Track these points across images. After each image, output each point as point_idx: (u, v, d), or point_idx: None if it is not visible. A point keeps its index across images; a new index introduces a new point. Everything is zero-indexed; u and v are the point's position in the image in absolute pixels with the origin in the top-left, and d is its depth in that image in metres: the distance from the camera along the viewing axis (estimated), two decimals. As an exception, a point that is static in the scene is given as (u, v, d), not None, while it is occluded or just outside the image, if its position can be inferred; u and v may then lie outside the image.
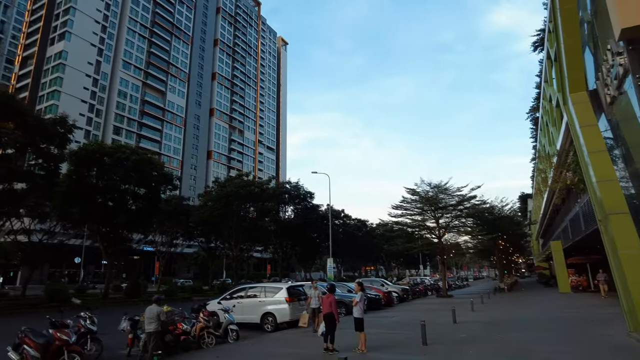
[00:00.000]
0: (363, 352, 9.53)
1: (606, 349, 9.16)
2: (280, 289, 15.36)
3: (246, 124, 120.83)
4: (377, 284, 28.45)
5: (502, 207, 40.79)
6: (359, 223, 74.02)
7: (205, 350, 10.93)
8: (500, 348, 9.62)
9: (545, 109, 26.82)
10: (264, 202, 45.92)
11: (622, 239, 11.06)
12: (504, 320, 15.21)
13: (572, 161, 19.09)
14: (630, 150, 12.60)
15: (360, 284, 10.32)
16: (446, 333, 12.28)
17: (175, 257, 74.52)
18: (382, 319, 17.20)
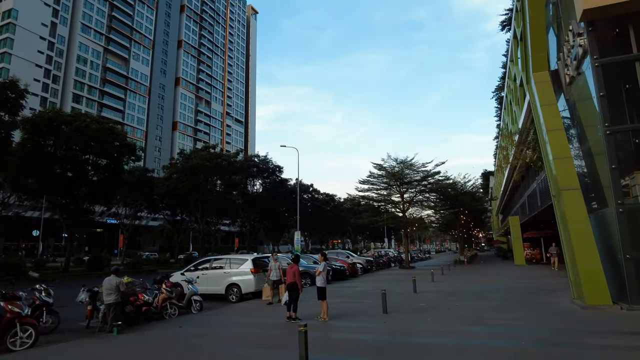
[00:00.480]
0: (325, 320, 9.77)
1: (551, 314, 9.78)
2: (245, 260, 15.40)
3: (213, 94, 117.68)
4: (343, 255, 29.05)
5: (465, 183, 42.10)
6: (327, 197, 74.73)
7: (168, 320, 10.90)
8: (456, 316, 10.09)
9: (510, 88, 27.45)
10: (231, 176, 45.37)
11: (573, 213, 11.67)
12: (462, 290, 15.91)
13: (532, 139, 19.77)
14: (585, 130, 13.16)
15: (324, 254, 10.48)
16: (406, 302, 12.74)
17: (140, 229, 73.19)
18: (345, 288, 17.64)
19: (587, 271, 10.67)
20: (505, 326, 8.67)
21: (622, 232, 10.20)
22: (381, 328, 8.85)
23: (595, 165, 12.43)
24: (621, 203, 10.33)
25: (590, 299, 10.35)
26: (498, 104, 60.01)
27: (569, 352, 6.41)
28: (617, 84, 11.76)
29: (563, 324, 8.61)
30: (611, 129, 10.79)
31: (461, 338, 7.68)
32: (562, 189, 12.17)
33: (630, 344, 6.77)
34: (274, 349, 7.28)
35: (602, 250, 11.05)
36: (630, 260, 10.05)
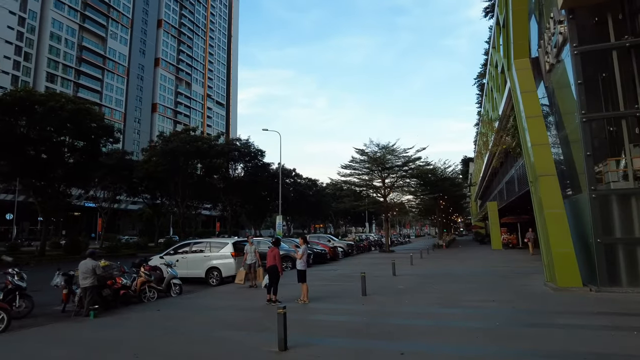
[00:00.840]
0: (305, 302, 9.84)
1: (525, 296, 10.07)
2: (226, 244, 15.34)
3: (194, 76, 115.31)
4: (324, 239, 29.28)
5: (445, 169, 42.60)
6: (310, 182, 74.72)
7: (147, 304, 10.81)
8: (434, 298, 10.29)
9: (491, 75, 27.67)
10: (211, 159, 44.82)
11: (548, 199, 11.94)
12: (439, 273, 16.23)
13: (511, 126, 20.06)
14: (562, 117, 13.40)
15: (304, 238, 10.51)
16: (385, 285, 12.92)
17: (120, 213, 72.08)
18: (326, 271, 17.80)
19: (560, 255, 10.99)
20: (481, 308, 8.88)
21: (594, 217, 10.51)
22: (360, 310, 8.96)
23: (571, 153, 12.71)
24: (594, 189, 10.61)
25: (562, 282, 10.69)
26: (479, 91, 60.55)
27: (541, 332, 6.61)
28: (594, 73, 11.96)
29: (536, 305, 8.87)
30: (587, 117, 11.00)
31: (438, 320, 7.84)
32: (539, 175, 12.42)
33: (598, 324, 7.02)
34: (253, 331, 7.29)
35: (575, 235, 11.39)
36: (601, 245, 10.38)
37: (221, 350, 6.16)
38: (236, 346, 6.33)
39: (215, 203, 60.60)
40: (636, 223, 10.38)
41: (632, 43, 11.27)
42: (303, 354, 5.75)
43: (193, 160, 44.57)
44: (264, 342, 6.34)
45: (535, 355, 5.40)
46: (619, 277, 10.32)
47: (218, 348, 6.26)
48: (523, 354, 5.53)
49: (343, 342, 6.43)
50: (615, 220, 10.53)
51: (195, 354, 6.00)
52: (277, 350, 5.89)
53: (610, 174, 11.07)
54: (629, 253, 10.35)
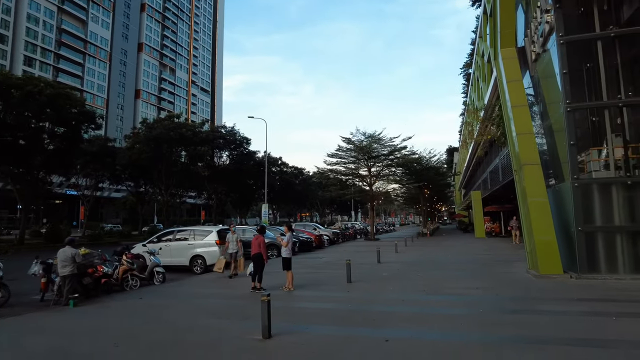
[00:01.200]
0: (290, 290, 9.79)
1: (508, 283, 10.21)
2: (210, 232, 15.18)
3: (178, 62, 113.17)
4: (310, 227, 29.31)
5: (430, 158, 42.85)
6: (296, 171, 74.49)
7: (129, 292, 10.65)
8: (418, 285, 10.34)
9: (478, 65, 27.75)
10: (196, 147, 44.24)
11: (532, 187, 12.06)
12: (423, 261, 16.36)
13: (496, 115, 20.17)
14: (547, 107, 13.51)
15: (290, 225, 10.43)
16: (370, 272, 12.97)
17: (103, 201, 70.97)
18: (311, 259, 17.80)
19: (542, 243, 11.15)
20: (465, 295, 8.96)
21: (576, 205, 10.66)
22: (345, 297, 8.96)
23: (554, 142, 12.83)
24: (577, 178, 10.74)
25: (544, 269, 10.86)
26: (465, 81, 60.88)
27: (524, 318, 6.69)
28: (579, 63, 12.04)
29: (519, 292, 8.99)
30: (571, 106, 11.09)
31: (423, 306, 7.88)
32: (523, 164, 12.52)
33: (579, 310, 7.14)
34: (237, 319, 7.22)
35: (557, 223, 11.55)
36: (582, 233, 10.55)
37: (204, 338, 6.07)
38: (219, 334, 6.25)
39: (200, 191, 59.96)
40: (616, 211, 10.57)
41: (617, 33, 11.36)
42: (287, 342, 5.70)
43: (177, 147, 43.95)
44: (247, 330, 6.27)
45: (518, 341, 5.44)
46: (598, 264, 10.53)
47: (201, 336, 6.17)
48: (506, 339, 5.57)
49: (328, 329, 6.41)
50: (596, 208, 10.70)
51: (177, 343, 5.90)
52: (261, 338, 5.84)
53: (592, 164, 11.23)
54: (608, 241, 10.56)
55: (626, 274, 10.29)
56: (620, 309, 7.11)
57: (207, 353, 5.43)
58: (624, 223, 10.46)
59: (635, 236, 10.43)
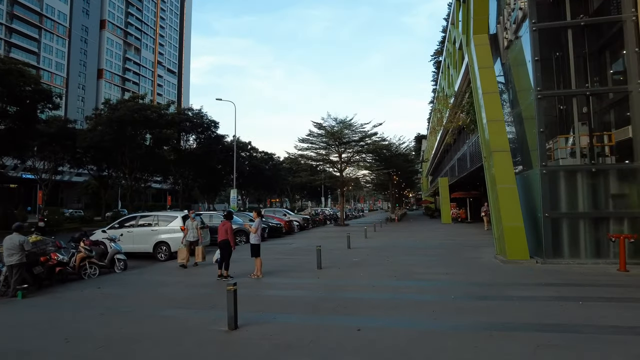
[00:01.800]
0: (258, 277, 9.49)
1: (476, 269, 10.27)
2: (174, 217, 14.60)
3: (144, 41, 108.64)
4: (280, 213, 28.99)
5: (399, 145, 43.22)
6: (266, 156, 73.56)
7: (87, 281, 10.04)
8: (388, 271, 10.26)
9: (449, 52, 27.87)
10: (161, 129, 42.74)
11: (501, 174, 12.16)
12: (393, 246, 16.39)
13: (466, 102, 20.30)
14: (517, 95, 13.59)
15: (259, 211, 10.06)
16: (341, 258, 12.82)
17: (63, 185, 67.91)
18: (281, 245, 17.52)
19: (510, 229, 11.28)
20: (436, 281, 8.92)
21: (543, 192, 10.80)
22: (315, 284, 8.74)
23: (524, 130, 12.95)
24: (545, 165, 10.86)
25: (512, 254, 11.00)
26: (435, 69, 61.42)
27: (495, 305, 6.67)
28: (549, 51, 12.12)
29: (488, 278, 9.03)
30: (542, 94, 11.15)
31: (394, 293, 7.76)
32: (493, 151, 12.59)
33: (547, 295, 7.19)
34: (202, 309, 6.86)
35: (524, 209, 11.70)
36: (548, 219, 10.72)
37: (165, 330, 5.69)
38: (182, 326, 5.87)
39: (166, 176, 58.28)
40: (580, 198, 10.79)
41: (586, 22, 11.47)
42: (254, 333, 5.41)
43: (141, 130, 42.32)
44: (213, 321, 5.94)
45: (490, 328, 5.37)
46: (562, 249, 10.76)
47: (162, 328, 5.78)
48: (479, 326, 5.49)
49: (297, 318, 6.16)
50: (562, 195, 10.89)
51: (135, 336, 5.49)
52: (227, 329, 5.52)
53: (560, 151, 11.39)
54: (572, 227, 10.78)
55: (587, 258, 10.56)
56: (585, 294, 7.22)
57: (167, 347, 5.06)
58: (587, 209, 10.70)
59: (597, 222, 10.70)
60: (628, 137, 11.11)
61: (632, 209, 10.56)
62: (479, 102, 14.34)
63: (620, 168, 10.76)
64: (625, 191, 10.69)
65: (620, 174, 10.70)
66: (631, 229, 10.41)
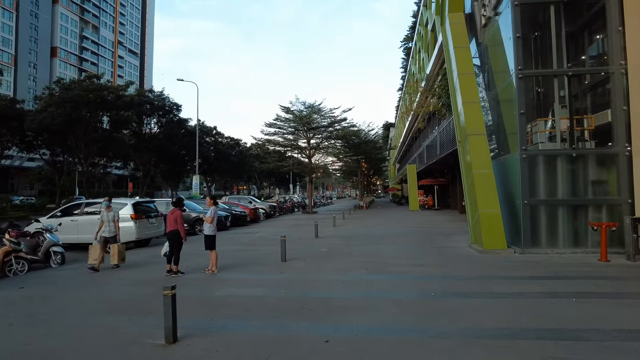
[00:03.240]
0: (213, 272, 8.40)
1: (452, 260, 9.56)
2: (124, 204, 13.17)
3: (103, 19, 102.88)
4: (245, 201, 27.81)
5: (369, 131, 42.51)
6: (232, 142, 71.38)
7: (11, 279, 8.64)
8: (359, 262, 9.40)
9: (420, 35, 27.16)
10: (119, 111, 40.23)
11: (477, 159, 11.49)
12: (362, 234, 15.61)
13: (438, 86, 19.65)
14: (494, 76, 12.93)
15: (213, 198, 8.86)
16: (307, 248, 11.89)
17: (14, 171, 63.70)
18: (245, 234, 16.39)
19: (487, 216, 10.64)
20: (411, 274, 8.12)
21: (522, 178, 10.20)
22: (278, 280, 7.75)
23: (500, 113, 12.32)
24: (525, 149, 10.24)
25: (489, 244, 10.38)
26: (405, 55, 60.98)
27: (480, 304, 5.90)
28: (528, 32, 11.46)
29: (467, 271, 8.30)
30: (523, 73, 10.47)
31: (366, 289, 6.88)
32: (469, 134, 11.90)
33: (534, 290, 6.50)
34: (140, 316, 5.69)
35: (501, 196, 11.09)
36: (527, 206, 10.14)
37: (85, 346, 4.54)
38: (110, 338, 4.74)
39: (126, 161, 55.47)
40: (560, 184, 10.26)
41: (568, -1, 10.85)
42: (197, 348, 4.36)
43: (97, 111, 39.65)
44: (148, 331, 4.85)
45: (483, 335, 4.56)
46: (540, 238, 10.24)
47: (82, 343, 4.63)
48: (469, 333, 4.66)
49: (253, 326, 5.14)
50: (541, 181, 10.33)
51: (46, 353, 4.35)
52: (164, 342, 4.45)
53: (539, 135, 10.81)
54: (551, 215, 10.27)
55: (566, 247, 10.08)
56: (575, 288, 6.59)
57: (83, 369, 3.94)
58: (566, 196, 10.20)
59: (575, 210, 10.22)
60: (607, 121, 10.66)
61: (610, 195, 10.14)
62: (454, 84, 13.63)
63: (601, 153, 10.28)
64: (604, 177, 10.25)
65: (599, 160, 10.23)
66: (609, 217, 10.00)
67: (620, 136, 10.04)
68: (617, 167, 10.03)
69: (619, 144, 10.04)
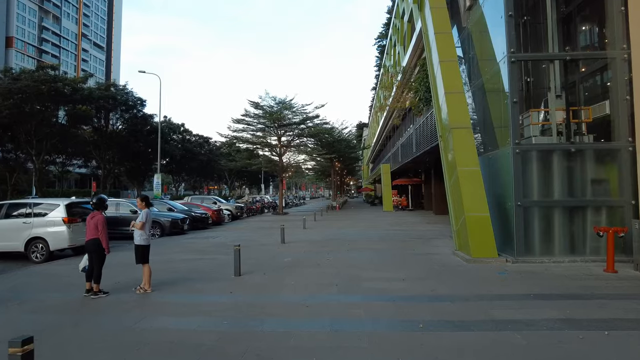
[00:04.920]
0: (146, 292, 6.71)
1: (438, 272, 8.18)
2: (56, 205, 11.21)
3: (65, 9, 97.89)
4: (210, 201, 25.91)
5: (342, 129, 41.16)
6: (201, 139, 68.85)
7: None
8: (328, 276, 7.90)
9: (396, 28, 25.99)
10: (76, 105, 37.44)
11: (462, 155, 10.18)
12: (334, 238, 14.13)
13: (415, 79, 18.44)
14: (479, 64, 11.71)
15: (145, 198, 7.07)
16: (270, 257, 10.30)
17: (-43, 168, 58.91)
18: (202, 240, 14.60)
19: (475, 220, 9.32)
20: (391, 293, 6.64)
21: (516, 176, 8.92)
22: (224, 304, 6.11)
23: (486, 104, 11.10)
24: (518, 143, 8.98)
25: (477, 252, 9.05)
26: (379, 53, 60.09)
27: (486, 339, 4.49)
28: (521, 11, 10.27)
29: (458, 287, 6.90)
30: (516, 57, 9.20)
31: (335, 319, 5.33)
32: (452, 127, 10.58)
33: (548, 317, 5.13)
34: None
35: (488, 197, 9.82)
36: (521, 208, 8.88)
37: None
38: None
39: (87, 159, 52.22)
40: (556, 183, 9.06)
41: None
42: None
43: (51, 104, 36.74)
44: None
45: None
46: (533, 245, 9.01)
47: None
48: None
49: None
50: (535, 180, 9.10)
51: None
52: None
53: (531, 128, 9.59)
54: (545, 218, 9.05)
55: (563, 255, 8.88)
56: (598, 314, 5.27)
57: None
58: (563, 197, 9.01)
59: (572, 212, 9.04)
60: (605, 113, 9.55)
61: (612, 196, 9.01)
62: (434, 74, 12.34)
63: (602, 148, 9.13)
64: (604, 176, 9.12)
65: (599, 156, 9.08)
66: (610, 220, 8.86)
67: (622, 129, 8.92)
68: (619, 165, 8.91)
69: (621, 139, 8.92)
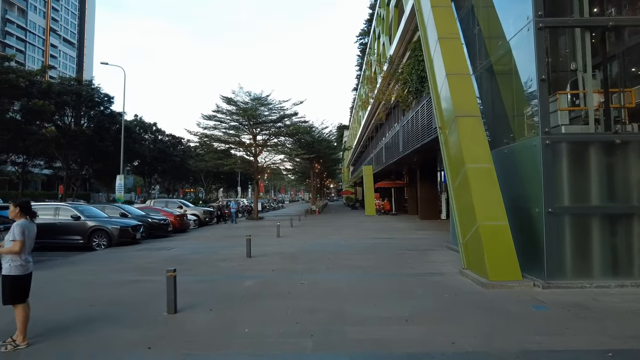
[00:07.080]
0: (17, 347, 4.34)
1: (449, 302, 6.07)
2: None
3: (31, 2, 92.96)
4: (175, 205, 23.35)
5: (322, 129, 38.94)
6: (174, 140, 65.71)
7: None
8: (300, 311, 5.69)
9: (381, 18, 24.07)
10: (30, 99, 34.24)
11: (472, 149, 8.14)
12: (313, 250, 11.91)
13: (404, 67, 16.46)
14: (486, 43, 9.74)
15: (22, 204, 4.71)
16: (225, 280, 8.00)
17: None
18: (152, 252, 12.11)
19: (490, 231, 7.27)
20: (392, 347, 4.46)
21: (546, 174, 6.89)
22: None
23: (497, 88, 9.11)
24: (548, 132, 6.97)
25: (495, 273, 6.97)
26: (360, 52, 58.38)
27: None
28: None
29: (484, 334, 4.78)
30: (545, 22, 7.18)
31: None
32: (457, 116, 8.53)
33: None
34: None
35: (505, 203, 7.79)
36: (553, 216, 6.85)
37: None
38: None
39: (50, 159, 48.58)
40: (594, 185, 7.08)
41: None
42: None
43: (5, 98, 33.50)
44: None
45: None
46: (566, 264, 7.00)
47: None
48: None
49: None
50: (565, 180, 7.11)
51: None
52: None
53: (559, 114, 7.59)
54: (581, 229, 7.06)
55: (605, 278, 6.88)
56: None
57: None
58: (602, 202, 7.04)
59: (614, 221, 7.09)
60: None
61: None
62: (431, 55, 10.31)
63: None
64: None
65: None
66: (661, 232, 6.94)
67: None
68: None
69: (674, 128, 7.04)
